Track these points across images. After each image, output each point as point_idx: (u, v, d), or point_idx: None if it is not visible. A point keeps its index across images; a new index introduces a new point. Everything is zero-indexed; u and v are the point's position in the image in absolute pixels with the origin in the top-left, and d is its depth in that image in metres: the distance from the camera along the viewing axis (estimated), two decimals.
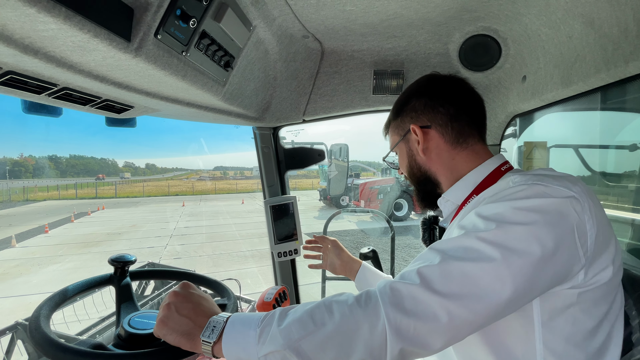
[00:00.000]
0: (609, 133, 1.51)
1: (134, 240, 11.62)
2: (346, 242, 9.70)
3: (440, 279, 0.54)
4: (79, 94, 0.76)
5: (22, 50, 0.53)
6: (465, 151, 0.79)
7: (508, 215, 0.57)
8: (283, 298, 1.10)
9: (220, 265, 8.32)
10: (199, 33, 0.73)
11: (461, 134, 0.79)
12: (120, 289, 0.82)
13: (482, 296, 0.53)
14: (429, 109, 0.80)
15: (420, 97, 0.82)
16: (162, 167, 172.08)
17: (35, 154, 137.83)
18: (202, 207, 22.69)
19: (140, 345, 0.67)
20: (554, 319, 0.60)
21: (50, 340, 0.60)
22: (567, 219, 0.56)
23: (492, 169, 0.76)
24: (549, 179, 0.62)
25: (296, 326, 0.56)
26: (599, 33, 0.81)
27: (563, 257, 0.55)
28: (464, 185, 0.78)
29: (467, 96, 0.82)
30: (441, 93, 0.81)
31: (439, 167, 0.81)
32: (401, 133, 0.86)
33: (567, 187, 0.59)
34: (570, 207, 0.57)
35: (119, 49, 0.58)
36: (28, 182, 54.77)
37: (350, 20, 1.10)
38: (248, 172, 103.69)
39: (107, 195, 35.52)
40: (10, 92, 0.69)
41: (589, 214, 0.58)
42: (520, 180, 0.64)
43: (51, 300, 0.72)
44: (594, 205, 0.60)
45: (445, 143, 0.79)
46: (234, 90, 1.03)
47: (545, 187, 0.59)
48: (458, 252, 0.56)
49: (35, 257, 9.51)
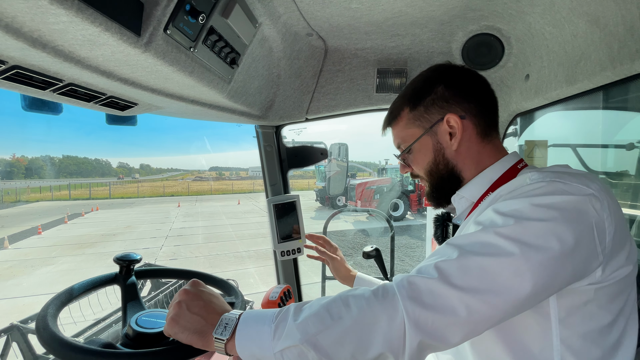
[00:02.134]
0: (609, 132, 1.53)
1: (129, 241, 11.53)
2: (344, 242, 9.71)
3: (458, 273, 0.54)
4: (84, 90, 0.75)
5: (30, 43, 0.52)
6: (490, 145, 0.77)
7: (526, 212, 0.56)
8: (288, 296, 1.10)
9: (217, 266, 8.27)
10: (206, 29, 0.72)
11: (489, 126, 0.77)
12: (126, 288, 0.81)
13: (501, 291, 0.52)
14: (461, 98, 0.75)
15: (448, 86, 0.76)
16: (156, 167, 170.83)
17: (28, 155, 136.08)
18: (197, 207, 22.57)
19: (148, 344, 0.66)
20: (571, 315, 0.60)
21: (59, 339, 0.59)
22: (587, 216, 0.56)
23: (509, 166, 0.75)
24: (568, 176, 0.61)
25: (313, 320, 0.56)
26: (604, 31, 0.82)
27: (582, 254, 0.55)
28: (480, 182, 0.75)
29: (490, 89, 0.80)
30: (469, 82, 0.77)
31: (467, 161, 0.76)
32: (426, 125, 0.78)
33: (586, 184, 0.59)
34: (589, 205, 0.57)
35: (129, 44, 0.57)
36: (20, 182, 54.07)
37: (355, 18, 1.10)
38: (244, 173, 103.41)
39: (101, 196, 35.18)
40: (14, 88, 0.68)
41: (607, 212, 0.58)
42: (538, 177, 0.63)
43: (57, 299, 0.71)
44: (612, 202, 0.60)
45: (477, 135, 0.76)
46: (239, 88, 1.03)
47: (564, 185, 0.59)
48: (476, 247, 0.56)
49: (28, 259, 9.39)
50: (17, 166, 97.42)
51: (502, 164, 0.75)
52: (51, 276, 7.84)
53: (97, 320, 2.82)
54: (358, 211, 14.48)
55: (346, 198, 14.88)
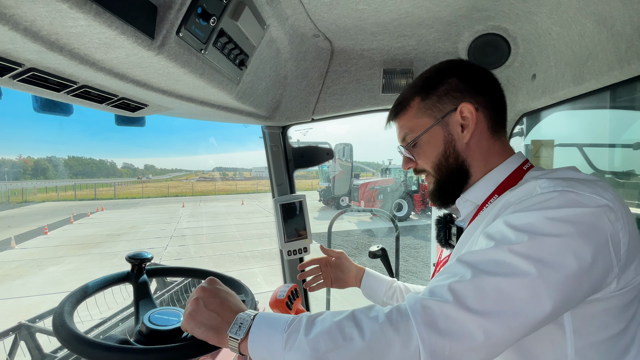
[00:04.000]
0: (617, 131, 1.52)
1: (134, 241, 11.61)
2: (348, 243, 9.71)
3: (474, 296, 0.51)
4: (97, 92, 0.77)
5: (48, 46, 0.53)
6: (499, 142, 0.76)
7: (540, 226, 0.54)
8: (295, 296, 1.10)
9: (222, 265, 8.31)
10: (217, 31, 0.74)
11: (499, 123, 0.75)
12: (138, 286, 0.83)
13: (519, 313, 0.51)
14: (474, 90, 0.73)
15: (462, 78, 0.74)
16: (161, 168, 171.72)
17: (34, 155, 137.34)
18: (202, 208, 22.68)
19: (161, 341, 0.67)
20: (586, 325, 0.58)
21: (77, 336, 0.60)
22: (602, 229, 0.54)
23: (514, 167, 0.73)
24: (580, 185, 0.58)
25: (324, 338, 0.55)
26: (612, 31, 0.82)
27: (599, 269, 0.54)
28: (485, 184, 0.74)
29: (500, 86, 0.79)
30: (482, 77, 0.76)
31: (477, 156, 0.74)
32: (437, 115, 0.75)
33: (599, 194, 0.57)
34: (604, 217, 0.55)
35: (143, 47, 0.58)
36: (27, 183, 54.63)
37: (362, 19, 1.11)
38: (247, 173, 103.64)
39: (106, 197, 35.44)
40: (30, 90, 0.69)
41: (622, 223, 0.56)
42: (549, 185, 0.60)
43: (73, 296, 0.72)
44: (625, 212, 0.58)
45: (487, 130, 0.74)
46: (247, 89, 1.04)
47: (577, 195, 0.56)
48: (490, 265, 0.54)
49: (34, 259, 9.49)
50: (24, 167, 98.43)
51: (508, 165, 0.73)
52: (57, 276, 7.92)
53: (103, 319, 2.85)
54: (363, 211, 14.45)
55: (350, 198, 14.87)
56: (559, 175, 0.64)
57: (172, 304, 3.52)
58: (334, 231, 2.61)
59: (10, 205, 29.08)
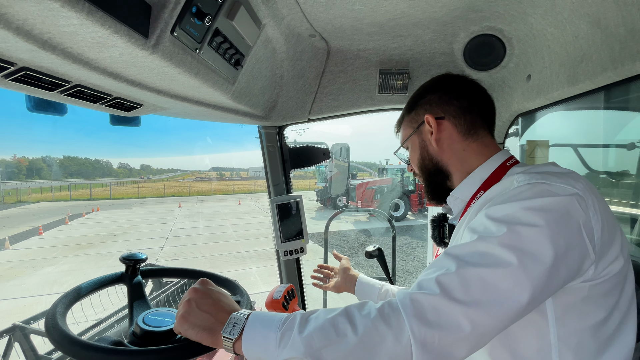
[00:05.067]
0: (611, 132, 1.53)
1: (130, 241, 11.54)
2: (345, 243, 9.71)
3: (459, 287, 0.54)
4: (91, 92, 0.76)
5: (40, 45, 0.53)
6: (476, 143, 0.82)
7: (518, 216, 0.57)
8: (291, 296, 1.10)
9: (218, 266, 8.28)
10: (212, 31, 0.73)
11: (473, 125, 0.82)
12: (132, 287, 0.82)
13: (503, 301, 0.53)
14: (443, 102, 0.84)
15: (435, 92, 0.86)
16: (157, 168, 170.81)
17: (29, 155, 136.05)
18: (198, 208, 22.59)
19: (156, 342, 0.67)
20: (567, 313, 0.61)
21: (71, 338, 0.59)
22: (574, 216, 0.57)
23: (498, 164, 0.78)
24: (552, 176, 0.62)
25: (318, 334, 0.56)
26: (606, 32, 0.83)
27: (574, 255, 0.57)
28: (471, 181, 0.80)
29: (479, 93, 0.86)
30: (455, 87, 0.85)
31: (451, 157, 0.83)
32: (414, 126, 0.89)
33: (570, 184, 0.60)
34: (576, 205, 0.58)
35: (137, 46, 0.58)
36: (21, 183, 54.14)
37: (358, 20, 1.11)
38: (244, 173, 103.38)
39: (102, 197, 35.20)
40: (22, 89, 0.69)
41: (593, 210, 0.59)
42: (524, 179, 0.64)
43: (65, 298, 0.71)
44: (597, 200, 0.61)
45: (457, 134, 0.82)
46: (242, 89, 1.04)
47: (549, 186, 0.60)
48: (474, 257, 0.56)
49: (29, 259, 9.40)
50: (18, 167, 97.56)
51: (491, 163, 0.79)
52: (52, 277, 7.85)
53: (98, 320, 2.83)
54: (360, 211, 14.47)
55: (347, 198, 14.88)
56: (537, 170, 0.68)
57: (169, 304, 3.50)
58: (331, 231, 2.61)
59: (5, 205, 28.81)
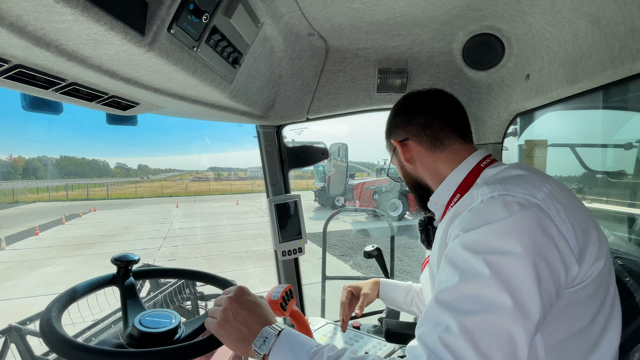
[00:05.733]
0: (609, 131, 1.54)
1: (127, 242, 11.49)
2: (343, 243, 9.71)
3: (470, 348, 0.51)
4: (87, 90, 0.75)
5: (35, 42, 0.52)
6: (444, 153, 0.85)
7: (494, 245, 0.56)
8: (290, 296, 1.09)
9: (216, 266, 8.26)
10: (210, 28, 0.72)
11: (436, 138, 0.85)
12: (125, 289, 0.81)
13: (511, 339, 0.52)
14: (404, 124, 0.89)
15: (397, 116, 0.92)
16: (154, 168, 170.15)
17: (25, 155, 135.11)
18: (196, 208, 22.53)
19: (154, 344, 0.66)
20: (553, 323, 0.60)
21: (67, 341, 0.58)
22: (544, 228, 0.57)
23: (472, 166, 0.80)
24: (514, 185, 0.62)
25: None
26: (605, 31, 0.82)
27: (557, 267, 0.56)
28: (447, 186, 0.82)
29: (438, 103, 0.88)
30: (412, 107, 0.90)
31: (424, 172, 0.88)
32: (391, 151, 0.97)
33: (531, 194, 0.60)
34: (540, 216, 0.58)
35: (133, 43, 0.57)
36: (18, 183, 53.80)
37: (357, 18, 1.10)
38: (242, 173, 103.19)
39: (99, 197, 35.04)
40: (16, 87, 0.68)
41: (558, 218, 0.59)
42: (487, 191, 0.64)
43: (59, 300, 0.70)
44: (562, 206, 0.60)
45: (424, 149, 0.87)
46: (240, 88, 1.03)
47: (511, 197, 0.60)
48: (467, 304, 0.55)
49: (25, 260, 9.34)
50: (14, 167, 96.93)
51: (465, 165, 0.81)
52: (49, 277, 7.80)
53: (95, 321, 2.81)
54: (359, 211, 14.46)
55: (345, 198, 14.88)
56: (502, 175, 0.70)
57: (166, 305, 3.48)
58: (329, 231, 2.61)
59: (1, 205, 28.63)
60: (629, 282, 0.71)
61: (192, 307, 3.69)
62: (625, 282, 0.72)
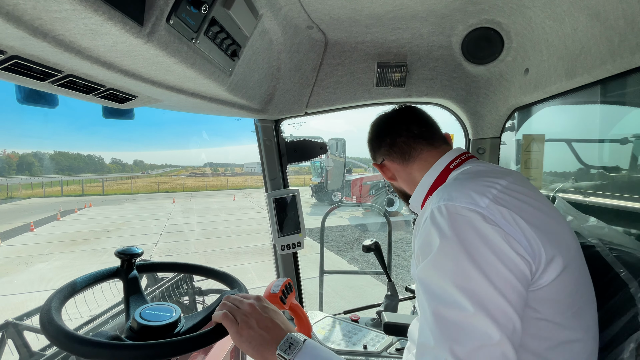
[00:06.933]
0: (608, 126, 1.55)
1: (123, 237, 11.44)
2: (340, 238, 9.74)
3: None
4: (84, 82, 0.74)
5: (31, 32, 0.51)
6: (416, 163, 0.91)
7: (449, 269, 0.57)
8: (289, 290, 1.09)
9: (213, 262, 8.25)
10: (208, 20, 0.72)
11: (404, 152, 0.92)
12: (128, 282, 0.81)
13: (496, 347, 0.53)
14: (377, 148, 0.99)
15: (370, 143, 1.02)
16: (150, 163, 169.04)
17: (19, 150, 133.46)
18: (192, 204, 22.45)
19: (153, 337, 0.66)
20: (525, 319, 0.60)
21: (66, 333, 0.58)
22: (485, 233, 0.58)
23: (441, 169, 0.84)
24: (457, 193, 0.64)
25: None
26: (605, 25, 0.82)
27: (517, 264, 0.57)
28: (420, 190, 0.88)
29: (398, 121, 0.95)
30: (378, 132, 0.98)
31: (405, 184, 0.95)
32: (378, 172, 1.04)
33: (473, 203, 0.61)
34: (483, 223, 0.59)
35: (131, 34, 0.56)
36: (11, 179, 53.21)
37: (356, 11, 1.09)
38: (239, 169, 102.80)
39: (94, 193, 34.79)
40: (12, 79, 0.66)
41: (504, 221, 0.59)
42: (435, 200, 0.66)
43: (60, 293, 0.70)
44: (507, 210, 0.60)
45: (398, 165, 0.94)
46: (239, 81, 1.02)
47: (454, 207, 0.61)
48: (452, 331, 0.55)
49: (21, 256, 9.28)
50: (8, 162, 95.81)
51: (435, 169, 0.86)
52: (45, 273, 7.76)
53: (92, 316, 2.81)
54: (357, 206, 14.48)
55: (342, 194, 14.90)
56: (448, 183, 0.75)
57: (163, 300, 3.48)
58: (326, 226, 2.63)
59: None
60: (622, 273, 0.72)
61: (190, 302, 3.69)
62: (619, 273, 0.72)
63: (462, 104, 1.41)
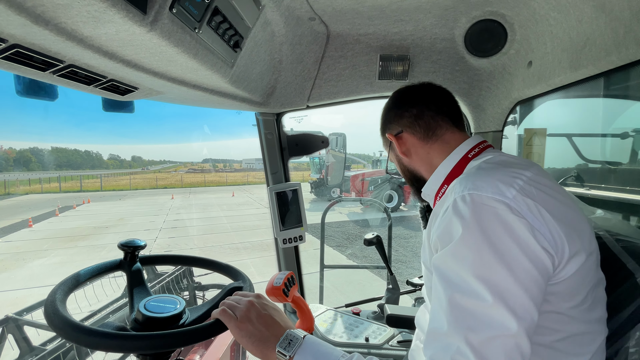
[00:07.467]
0: (610, 120, 1.55)
1: (122, 233, 11.42)
2: (339, 233, 9.76)
3: None
4: (85, 73, 0.73)
5: (33, 20, 0.50)
6: (437, 143, 0.86)
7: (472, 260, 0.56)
8: (292, 283, 1.10)
9: (213, 257, 8.26)
10: (211, 9, 0.71)
11: (429, 128, 0.86)
12: (131, 274, 0.80)
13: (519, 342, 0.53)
14: (397, 117, 0.91)
15: (390, 111, 0.94)
16: (148, 159, 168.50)
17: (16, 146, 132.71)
18: (191, 199, 22.43)
19: (158, 328, 0.66)
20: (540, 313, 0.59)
21: (73, 324, 0.58)
22: (510, 224, 0.57)
23: (459, 158, 0.81)
24: (484, 184, 0.61)
25: None
26: (610, 16, 0.82)
27: (540, 257, 0.56)
28: (435, 178, 0.84)
29: (428, 94, 0.90)
30: (403, 100, 0.92)
31: (420, 163, 0.90)
32: (387, 146, 0.97)
33: (500, 194, 0.59)
34: (510, 215, 0.57)
35: (134, 22, 0.55)
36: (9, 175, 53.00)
37: (359, 3, 1.08)
38: (237, 165, 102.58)
39: (92, 189, 34.69)
40: (13, 68, 0.65)
41: (530, 213, 0.58)
42: (459, 190, 0.63)
43: (64, 284, 0.70)
44: (534, 202, 0.59)
45: (418, 140, 0.88)
46: (241, 73, 1.01)
47: (479, 197, 0.59)
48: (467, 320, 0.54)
49: (19, 252, 9.26)
50: (5, 158, 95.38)
51: (453, 157, 0.82)
52: (44, 269, 7.75)
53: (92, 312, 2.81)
54: (357, 201, 14.49)
55: (341, 190, 14.91)
56: (472, 171, 0.69)
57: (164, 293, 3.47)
58: (326, 222, 2.64)
59: None
60: (629, 263, 0.73)
61: (190, 297, 3.70)
62: (626, 263, 0.73)
63: (465, 97, 1.40)
